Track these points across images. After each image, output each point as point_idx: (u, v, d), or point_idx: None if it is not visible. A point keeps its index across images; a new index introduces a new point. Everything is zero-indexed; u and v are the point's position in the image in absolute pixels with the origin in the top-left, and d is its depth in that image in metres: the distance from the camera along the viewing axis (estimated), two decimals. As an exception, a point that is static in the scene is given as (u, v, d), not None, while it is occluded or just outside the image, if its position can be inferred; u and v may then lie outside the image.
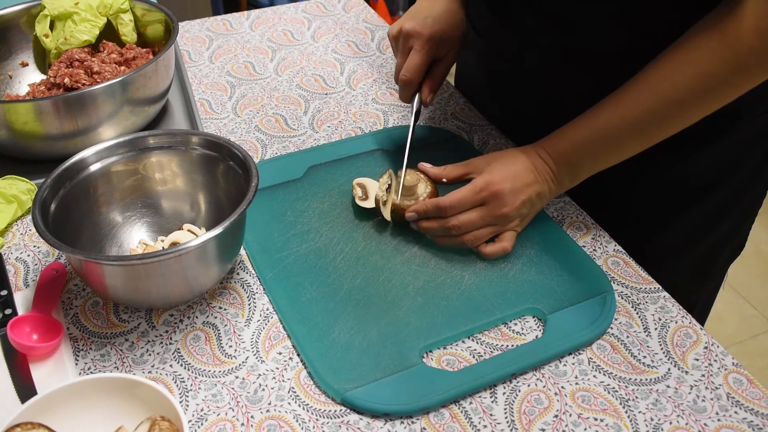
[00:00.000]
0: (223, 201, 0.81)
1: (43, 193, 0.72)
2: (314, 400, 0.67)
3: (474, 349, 0.72)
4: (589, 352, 0.72)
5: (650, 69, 0.74)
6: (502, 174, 0.79)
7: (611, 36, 0.80)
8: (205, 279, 0.73)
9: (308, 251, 0.81)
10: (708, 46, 0.70)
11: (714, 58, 0.70)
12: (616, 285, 0.79)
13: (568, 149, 0.80)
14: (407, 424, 0.65)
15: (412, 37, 0.87)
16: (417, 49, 0.86)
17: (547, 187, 0.81)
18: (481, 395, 0.68)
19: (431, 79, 0.89)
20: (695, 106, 0.74)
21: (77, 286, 0.78)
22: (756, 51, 0.69)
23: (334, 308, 0.74)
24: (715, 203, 0.91)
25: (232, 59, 1.18)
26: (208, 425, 0.65)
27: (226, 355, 0.71)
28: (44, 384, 0.68)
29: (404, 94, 0.89)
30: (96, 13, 1.02)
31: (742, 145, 0.88)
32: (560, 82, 0.88)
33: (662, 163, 0.88)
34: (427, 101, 0.89)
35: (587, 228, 0.86)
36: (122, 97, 0.90)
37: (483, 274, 0.79)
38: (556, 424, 0.65)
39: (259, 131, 1.02)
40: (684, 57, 0.72)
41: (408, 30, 0.87)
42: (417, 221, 0.81)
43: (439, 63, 0.90)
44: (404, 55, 0.88)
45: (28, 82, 1.04)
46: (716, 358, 0.71)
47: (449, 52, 0.89)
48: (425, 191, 0.83)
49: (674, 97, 0.73)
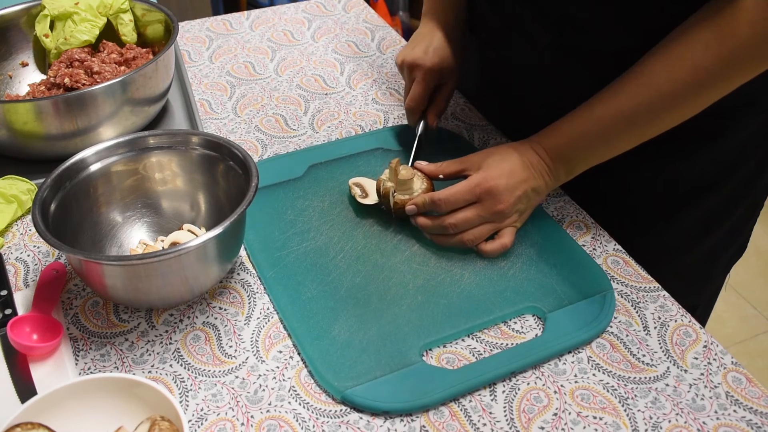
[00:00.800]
0: (223, 201, 0.81)
1: (43, 193, 0.72)
2: (314, 399, 0.67)
3: (474, 347, 0.72)
4: (588, 350, 0.72)
5: (644, 62, 0.74)
6: (498, 170, 0.79)
7: (611, 35, 0.80)
8: (205, 279, 0.73)
9: (308, 250, 0.81)
10: (702, 40, 0.70)
11: (707, 51, 0.70)
12: (616, 284, 0.79)
13: (562, 143, 0.80)
14: (407, 422, 0.65)
15: (414, 69, 0.94)
16: (419, 81, 0.93)
17: (543, 182, 0.81)
18: (481, 393, 0.68)
19: (435, 105, 0.95)
20: (689, 100, 0.74)
21: (77, 286, 0.78)
22: (750, 45, 0.69)
23: (334, 306, 0.75)
24: (715, 205, 0.91)
25: (232, 59, 1.19)
26: (208, 425, 0.65)
27: (226, 354, 0.71)
28: (44, 384, 0.68)
29: (411, 118, 0.96)
30: (96, 13, 1.02)
31: (742, 146, 0.88)
32: (560, 81, 0.88)
33: (661, 164, 0.88)
34: (432, 125, 0.95)
35: (587, 227, 0.86)
36: (122, 97, 0.90)
37: (483, 273, 0.79)
38: (555, 422, 0.65)
39: (259, 131, 1.02)
40: (678, 51, 0.72)
41: (410, 62, 0.94)
42: (416, 215, 0.82)
43: (442, 89, 0.96)
44: (409, 84, 0.95)
45: (28, 82, 1.04)
46: (715, 356, 0.71)
47: (449, 79, 0.95)
48: (421, 187, 0.83)
49: (668, 91, 0.73)
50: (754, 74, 0.71)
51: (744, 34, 0.68)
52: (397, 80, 1.13)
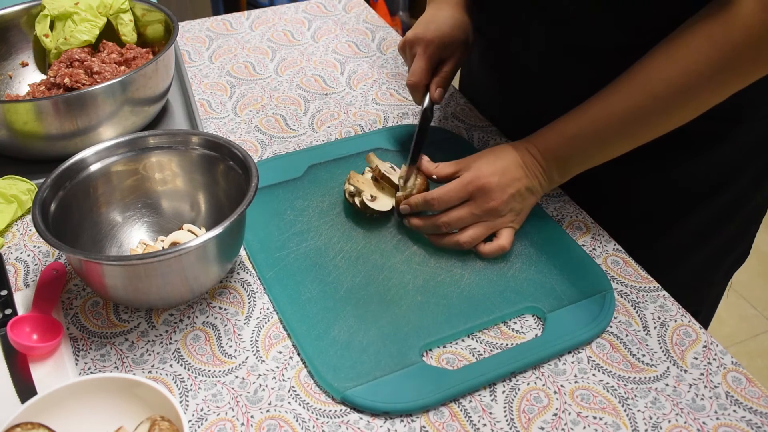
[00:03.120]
0: (223, 201, 0.81)
1: (43, 193, 0.72)
2: (314, 400, 0.67)
3: (473, 347, 0.72)
4: (588, 350, 0.72)
5: (639, 66, 0.74)
6: (490, 168, 0.80)
7: (611, 33, 0.80)
8: (205, 279, 0.73)
9: (308, 250, 0.81)
10: (696, 45, 0.70)
11: (702, 56, 0.70)
12: (616, 284, 0.79)
13: (556, 144, 0.80)
14: (407, 422, 0.65)
15: (415, 44, 0.90)
16: (420, 54, 0.89)
17: (537, 182, 0.81)
18: (481, 394, 0.68)
19: (438, 76, 0.91)
20: (682, 103, 0.73)
21: (77, 286, 0.78)
22: (744, 50, 0.68)
23: (333, 307, 0.75)
24: (715, 210, 0.91)
25: (232, 59, 1.19)
26: (208, 425, 0.65)
27: (226, 354, 0.71)
28: (44, 384, 0.68)
29: (415, 97, 0.92)
30: (96, 13, 1.02)
31: (744, 151, 0.87)
32: (560, 81, 0.88)
33: (661, 167, 0.88)
34: (435, 96, 0.90)
35: (587, 227, 0.86)
36: (122, 97, 0.90)
37: (483, 273, 0.79)
38: (555, 422, 0.65)
39: (259, 131, 1.02)
40: (672, 54, 0.72)
41: (410, 37, 0.91)
42: (409, 215, 0.82)
43: (445, 63, 0.92)
44: (410, 61, 0.91)
45: (28, 82, 1.04)
46: (715, 356, 0.71)
47: (454, 53, 0.91)
48: (414, 183, 0.84)
49: (661, 94, 0.73)
50: (750, 80, 0.71)
51: (738, 40, 0.68)
52: (397, 80, 1.13)
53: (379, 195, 0.84)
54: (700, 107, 0.74)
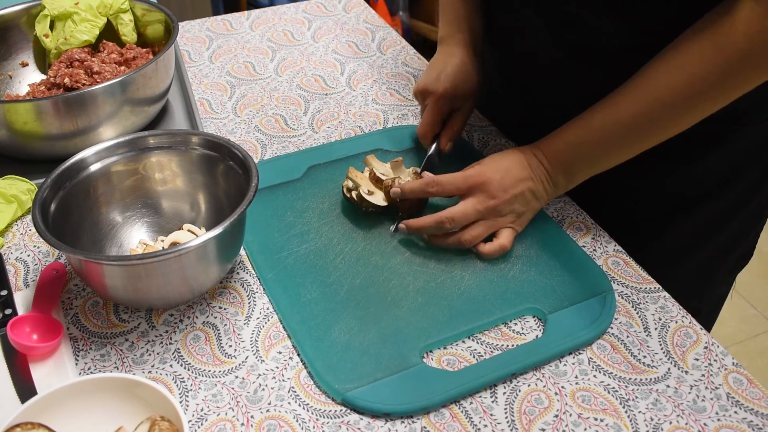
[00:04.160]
0: (223, 201, 0.81)
1: (43, 193, 0.72)
2: (314, 400, 0.67)
3: (474, 348, 0.72)
4: (589, 351, 0.72)
5: (644, 72, 0.75)
6: (494, 167, 0.81)
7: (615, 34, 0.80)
8: (205, 279, 0.73)
9: (308, 251, 0.81)
10: (699, 50, 0.71)
11: (705, 61, 0.70)
12: (616, 285, 0.79)
13: (562, 150, 0.80)
14: (407, 423, 0.65)
15: (425, 96, 0.93)
16: (430, 107, 0.92)
17: (542, 187, 0.81)
18: (482, 395, 0.68)
19: (449, 128, 0.94)
20: (687, 109, 0.74)
21: (77, 286, 0.78)
22: (747, 55, 0.69)
23: (334, 308, 0.74)
24: (716, 211, 0.91)
25: (232, 59, 1.18)
26: (208, 425, 0.65)
27: (226, 354, 0.71)
28: (44, 384, 0.68)
29: (424, 143, 0.95)
30: (96, 13, 1.02)
31: (743, 154, 0.87)
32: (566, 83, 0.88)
33: (662, 169, 0.88)
34: (444, 149, 0.93)
35: (587, 228, 0.86)
36: (122, 97, 0.90)
37: (483, 274, 0.79)
38: (556, 423, 0.65)
39: (259, 131, 1.02)
40: (676, 60, 0.72)
41: (421, 89, 0.94)
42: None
43: (457, 113, 0.94)
44: (422, 109, 0.95)
45: (28, 82, 1.04)
46: (716, 357, 0.71)
47: (464, 103, 0.94)
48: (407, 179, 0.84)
49: (666, 101, 0.73)
50: (753, 85, 0.72)
51: (741, 45, 0.68)
52: (397, 80, 1.13)
53: (377, 191, 0.85)
54: (705, 112, 0.74)
